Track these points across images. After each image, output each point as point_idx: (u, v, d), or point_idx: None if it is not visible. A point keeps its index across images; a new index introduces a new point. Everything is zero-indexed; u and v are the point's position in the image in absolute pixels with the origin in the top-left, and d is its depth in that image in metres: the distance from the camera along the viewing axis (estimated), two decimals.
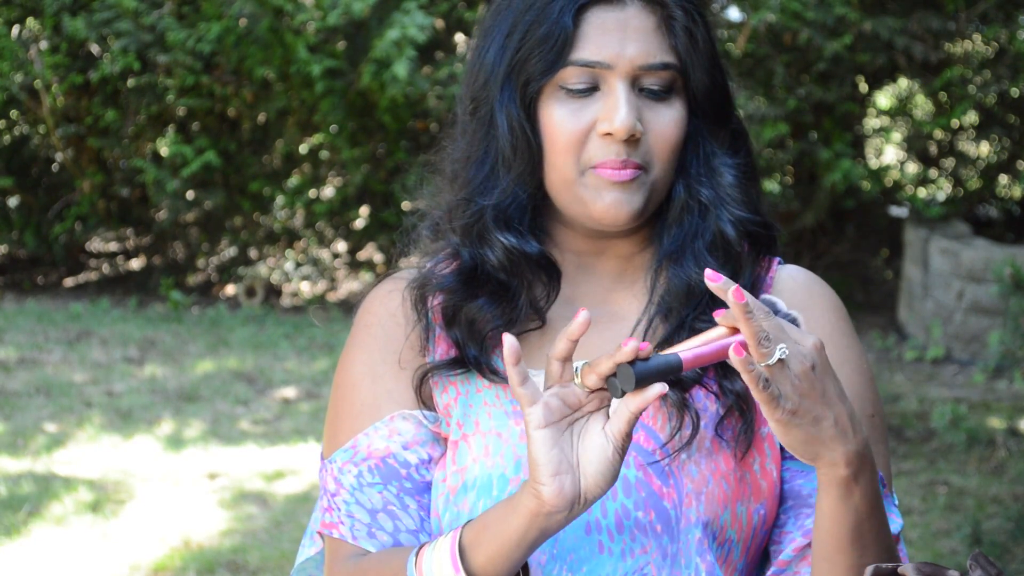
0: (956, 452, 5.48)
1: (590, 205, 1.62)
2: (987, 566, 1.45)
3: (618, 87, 1.60)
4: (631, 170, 1.61)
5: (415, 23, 7.88)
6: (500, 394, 1.67)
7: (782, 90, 7.96)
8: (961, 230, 7.90)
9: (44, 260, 9.75)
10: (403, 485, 1.67)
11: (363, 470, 1.67)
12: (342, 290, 9.34)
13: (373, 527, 1.66)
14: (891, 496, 1.68)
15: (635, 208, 1.62)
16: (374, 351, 1.71)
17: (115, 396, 6.52)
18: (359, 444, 1.68)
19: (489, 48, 1.67)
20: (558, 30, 1.60)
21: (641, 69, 1.61)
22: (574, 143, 1.62)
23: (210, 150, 8.63)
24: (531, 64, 1.62)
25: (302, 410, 6.36)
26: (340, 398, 1.72)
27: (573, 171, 1.62)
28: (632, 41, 1.61)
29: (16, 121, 9.51)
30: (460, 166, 1.70)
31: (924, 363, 7.37)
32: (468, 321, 1.67)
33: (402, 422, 1.68)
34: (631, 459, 1.63)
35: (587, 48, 1.61)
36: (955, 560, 4.46)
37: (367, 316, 1.75)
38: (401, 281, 1.74)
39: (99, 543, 4.65)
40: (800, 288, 1.72)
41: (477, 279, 1.67)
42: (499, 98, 1.64)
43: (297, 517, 4.93)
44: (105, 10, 8.57)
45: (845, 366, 1.69)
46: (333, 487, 1.69)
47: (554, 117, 1.62)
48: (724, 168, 1.66)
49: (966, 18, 8.07)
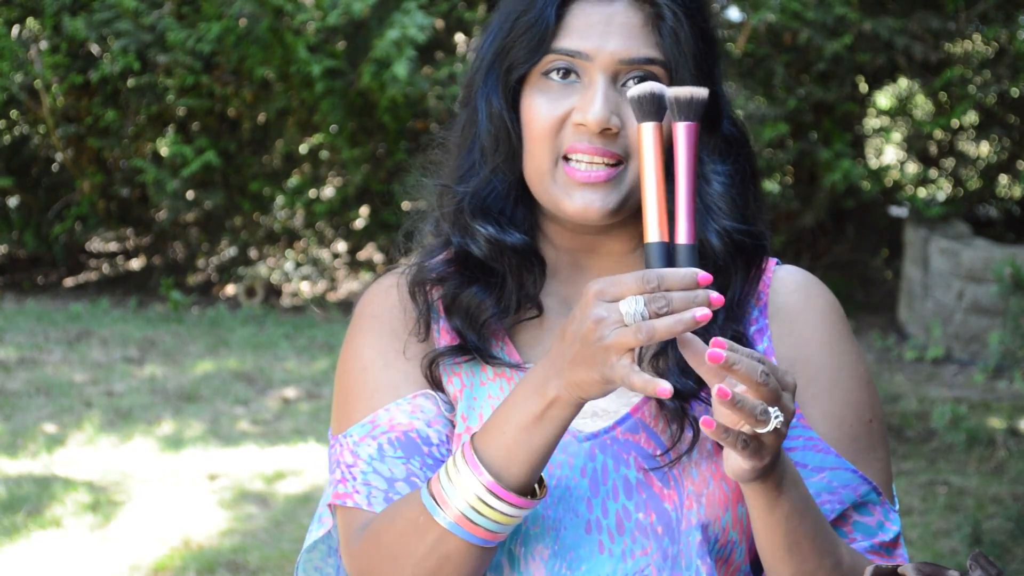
0: (956, 452, 5.48)
1: (560, 203, 1.62)
2: (987, 566, 1.45)
3: (597, 79, 1.60)
4: (607, 170, 1.60)
5: (415, 23, 7.88)
6: (504, 386, 1.67)
7: (782, 90, 7.96)
8: (961, 230, 7.90)
9: (44, 260, 9.75)
10: (425, 461, 1.64)
11: (383, 443, 1.64)
12: (342, 290, 9.34)
13: (389, 492, 1.63)
14: (888, 504, 1.68)
15: (609, 206, 1.62)
16: (383, 336, 1.71)
17: (115, 396, 6.52)
18: (379, 419, 1.66)
19: (484, 41, 1.69)
20: (542, 18, 1.62)
21: (622, 63, 1.61)
22: (549, 130, 1.62)
23: (210, 150, 8.63)
24: (514, 52, 1.63)
25: (302, 410, 6.36)
26: (351, 380, 1.70)
27: (548, 161, 1.62)
28: (615, 35, 1.61)
29: (16, 121, 9.51)
30: (451, 155, 1.72)
31: (924, 363, 7.36)
32: (465, 309, 1.67)
33: (424, 400, 1.67)
34: (632, 460, 1.63)
35: (569, 38, 1.62)
36: (955, 560, 4.46)
37: (370, 307, 1.74)
38: (400, 276, 1.74)
39: (99, 543, 4.65)
40: (796, 289, 1.72)
41: (469, 267, 1.68)
42: (483, 87, 1.66)
43: (297, 517, 4.93)
44: (105, 10, 8.57)
45: (842, 372, 1.69)
46: (350, 459, 1.65)
47: (534, 104, 1.63)
48: (712, 176, 1.66)
49: (966, 18, 8.07)
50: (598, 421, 1.65)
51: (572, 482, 1.62)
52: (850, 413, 1.68)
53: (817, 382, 1.68)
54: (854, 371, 1.70)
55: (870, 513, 1.67)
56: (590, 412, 1.65)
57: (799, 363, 1.68)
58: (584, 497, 1.62)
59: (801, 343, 1.69)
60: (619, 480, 1.62)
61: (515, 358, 1.68)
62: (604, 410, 1.66)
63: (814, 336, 1.69)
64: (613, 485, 1.62)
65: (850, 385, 1.69)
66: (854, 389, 1.69)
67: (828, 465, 1.66)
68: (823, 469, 1.66)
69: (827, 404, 1.68)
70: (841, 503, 1.65)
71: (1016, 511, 4.32)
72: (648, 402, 1.65)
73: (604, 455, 1.63)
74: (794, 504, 1.51)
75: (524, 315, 1.69)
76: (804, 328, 1.70)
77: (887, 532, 1.66)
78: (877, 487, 1.67)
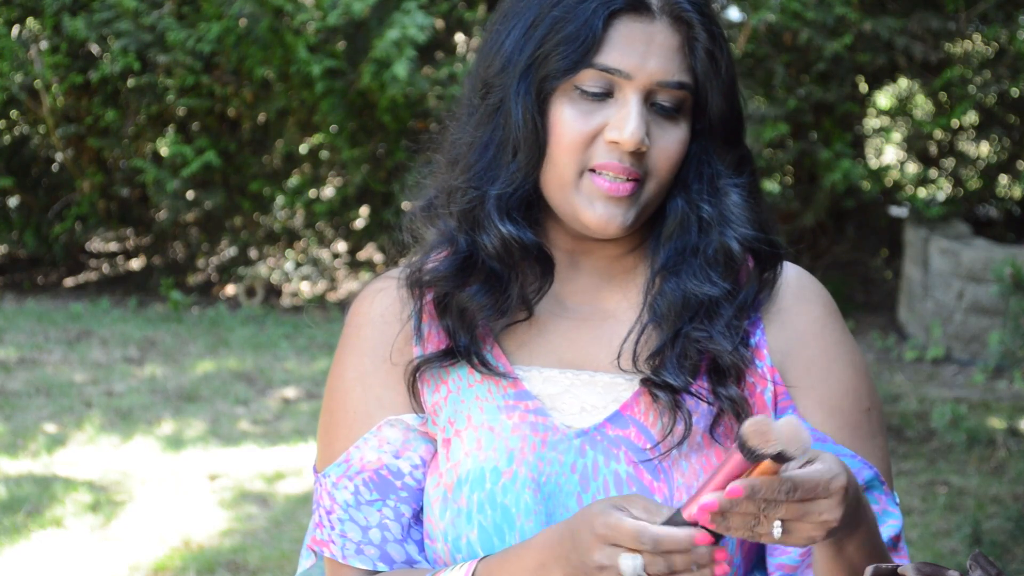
0: (956, 452, 5.48)
1: (581, 213, 1.64)
2: (987, 566, 1.45)
3: (632, 98, 1.61)
4: (630, 184, 1.62)
5: (415, 23, 7.88)
6: (492, 388, 1.68)
7: (782, 90, 7.96)
8: (961, 230, 7.90)
9: (44, 260, 9.74)
10: (399, 495, 1.69)
11: (358, 484, 1.69)
12: (342, 290, 9.34)
13: (362, 543, 1.69)
14: (891, 494, 1.69)
15: (627, 222, 1.64)
16: (364, 354, 1.73)
17: (115, 396, 6.52)
18: (352, 458, 1.70)
19: (509, 33, 1.66)
20: (586, 31, 1.61)
21: (658, 85, 1.62)
22: (579, 144, 1.62)
23: (210, 150, 8.63)
24: (552, 60, 1.62)
25: (302, 410, 6.36)
26: (333, 407, 1.74)
27: (572, 171, 1.63)
28: (655, 56, 1.62)
29: (16, 121, 9.51)
30: (463, 150, 1.70)
31: (924, 363, 7.36)
32: (459, 310, 1.68)
33: (389, 430, 1.70)
34: (622, 455, 1.64)
35: (611, 54, 1.61)
36: (955, 560, 4.46)
37: (356, 317, 1.76)
38: (391, 280, 1.75)
39: (99, 543, 4.65)
40: (789, 285, 1.73)
41: (470, 267, 1.68)
42: (515, 88, 1.64)
43: (297, 517, 4.93)
44: (105, 10, 8.57)
45: (836, 363, 1.69)
46: (328, 503, 1.71)
47: (564, 115, 1.63)
48: (730, 188, 1.68)
49: (966, 18, 8.07)
50: (587, 417, 1.67)
51: (562, 478, 1.64)
52: (847, 401, 1.69)
53: (811, 372, 1.69)
54: (849, 360, 1.71)
55: (875, 501, 1.68)
56: (578, 407, 1.66)
57: (792, 355, 1.70)
58: (574, 493, 1.64)
59: (794, 336, 1.70)
60: (609, 475, 1.64)
61: (502, 361, 1.69)
62: (593, 405, 1.67)
63: (807, 328, 1.71)
64: (604, 481, 1.64)
65: (846, 374, 1.70)
66: (850, 377, 1.70)
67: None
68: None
69: (824, 393, 1.69)
70: None
71: (1016, 511, 4.32)
72: (638, 398, 1.66)
73: (594, 451, 1.65)
74: (861, 546, 1.53)
75: (515, 317, 1.69)
76: (796, 319, 1.71)
77: (889, 528, 1.66)
78: (879, 473, 1.68)
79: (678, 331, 1.66)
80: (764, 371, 1.68)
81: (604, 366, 1.69)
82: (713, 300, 1.66)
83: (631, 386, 1.67)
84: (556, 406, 1.67)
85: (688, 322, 1.66)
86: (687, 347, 1.65)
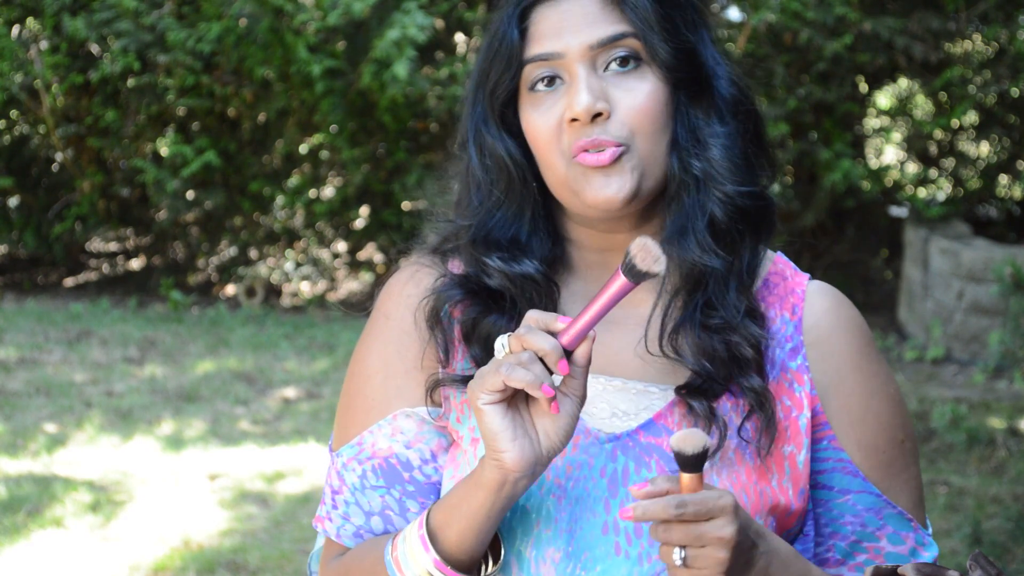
0: (956, 452, 5.48)
1: (583, 195, 1.63)
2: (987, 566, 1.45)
3: (577, 71, 1.61)
4: (611, 151, 1.60)
5: (415, 23, 7.88)
6: None
7: (782, 90, 7.96)
8: (961, 230, 7.90)
9: (44, 260, 9.75)
10: (406, 488, 1.68)
11: (367, 469, 1.69)
12: (342, 290, 9.34)
13: (362, 528, 1.69)
14: (919, 530, 1.70)
15: (626, 190, 1.61)
16: (389, 343, 1.72)
17: (115, 396, 6.52)
18: (364, 442, 1.70)
19: (470, 83, 1.72)
20: (507, 36, 1.64)
21: (594, 48, 1.62)
22: (552, 136, 1.63)
23: (210, 150, 8.64)
24: (492, 75, 1.66)
25: (302, 410, 6.36)
26: (354, 390, 1.73)
27: (561, 164, 1.63)
28: (578, 24, 1.63)
29: (16, 121, 9.51)
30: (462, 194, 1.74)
31: (924, 363, 7.36)
32: (483, 337, 1.67)
33: (404, 420, 1.69)
34: (654, 463, 1.63)
35: (536, 44, 1.64)
36: (955, 560, 4.46)
37: (385, 305, 1.75)
38: (424, 268, 1.74)
39: (99, 543, 4.65)
40: (828, 310, 1.72)
41: (484, 293, 1.68)
42: (471, 120, 1.69)
43: (297, 517, 4.93)
44: (105, 10, 8.57)
45: (874, 398, 1.69)
46: (336, 483, 1.72)
47: (530, 118, 1.65)
48: (712, 140, 1.65)
49: (966, 18, 8.07)
50: (618, 422, 1.65)
51: (591, 483, 1.63)
52: (883, 438, 1.69)
53: (850, 409, 1.69)
54: (885, 393, 1.71)
55: (902, 541, 1.69)
56: (609, 412, 1.65)
57: (832, 389, 1.69)
58: (602, 498, 1.62)
59: (833, 368, 1.70)
60: (639, 482, 1.62)
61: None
62: (624, 411, 1.66)
63: (847, 360, 1.70)
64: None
65: (883, 408, 1.70)
66: (887, 411, 1.70)
67: (854, 488, 1.68)
68: (848, 492, 1.68)
69: (861, 432, 1.69)
70: (863, 525, 1.68)
71: (1016, 511, 4.32)
72: (673, 408, 1.65)
73: (626, 457, 1.64)
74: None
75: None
76: (836, 350, 1.70)
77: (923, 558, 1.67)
78: (905, 512, 1.69)
79: (695, 305, 1.65)
80: (803, 397, 1.67)
81: (637, 374, 1.67)
82: (715, 272, 1.64)
83: (664, 396, 1.66)
84: (587, 410, 1.65)
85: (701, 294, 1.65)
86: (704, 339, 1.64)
